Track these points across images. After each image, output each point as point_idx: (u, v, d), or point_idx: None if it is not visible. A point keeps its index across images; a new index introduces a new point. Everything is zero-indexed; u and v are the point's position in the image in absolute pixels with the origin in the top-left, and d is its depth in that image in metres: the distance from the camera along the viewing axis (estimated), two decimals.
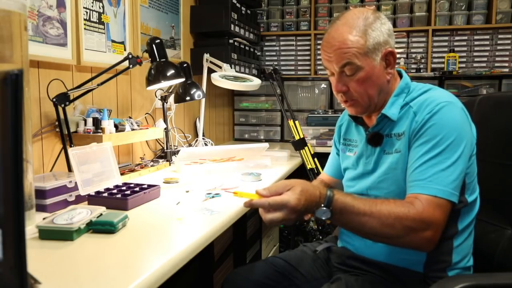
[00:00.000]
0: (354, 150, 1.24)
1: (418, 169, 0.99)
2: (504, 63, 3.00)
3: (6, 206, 0.45)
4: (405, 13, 3.12)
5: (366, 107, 1.13)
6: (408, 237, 0.93)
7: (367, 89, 1.09)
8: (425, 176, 0.97)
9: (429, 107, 1.03)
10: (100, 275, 0.79)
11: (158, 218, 1.16)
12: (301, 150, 2.16)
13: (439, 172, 0.96)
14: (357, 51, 1.05)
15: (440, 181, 0.96)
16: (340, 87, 1.10)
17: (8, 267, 0.46)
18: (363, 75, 1.07)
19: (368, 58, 1.07)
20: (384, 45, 1.08)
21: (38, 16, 1.43)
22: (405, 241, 0.95)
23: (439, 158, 0.98)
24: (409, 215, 0.92)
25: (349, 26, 1.07)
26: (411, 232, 0.93)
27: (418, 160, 1.00)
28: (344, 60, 1.07)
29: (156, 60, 1.66)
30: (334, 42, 1.08)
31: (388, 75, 1.11)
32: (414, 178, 0.99)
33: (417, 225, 0.92)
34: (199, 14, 2.62)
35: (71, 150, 1.25)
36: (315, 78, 3.24)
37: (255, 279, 1.24)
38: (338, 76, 1.10)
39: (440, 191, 0.95)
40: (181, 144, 2.35)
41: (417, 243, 0.95)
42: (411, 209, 0.93)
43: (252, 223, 2.06)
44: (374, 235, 0.97)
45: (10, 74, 0.43)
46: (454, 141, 0.99)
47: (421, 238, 0.93)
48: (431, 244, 0.95)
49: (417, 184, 0.98)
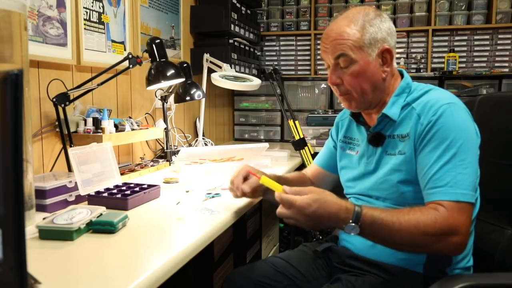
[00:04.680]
0: (356, 149, 1.24)
1: (435, 176, 0.99)
2: (504, 63, 3.01)
3: (6, 206, 0.45)
4: (405, 13, 3.12)
5: (360, 102, 1.13)
6: (438, 245, 0.94)
7: (361, 84, 1.09)
8: (444, 182, 0.97)
9: (433, 109, 1.03)
10: (100, 275, 0.79)
11: (158, 218, 1.16)
12: (301, 150, 2.16)
13: (457, 176, 0.97)
14: (353, 43, 1.07)
15: (460, 185, 0.96)
16: (334, 79, 1.12)
17: (8, 267, 0.46)
18: (357, 68, 1.08)
19: (363, 53, 1.08)
20: (382, 42, 1.09)
21: (38, 16, 1.43)
22: (435, 248, 0.96)
23: (454, 161, 0.98)
24: (436, 223, 0.93)
25: (348, 20, 1.09)
26: (440, 240, 0.94)
27: (433, 167, 0.99)
28: (338, 51, 1.08)
29: (156, 60, 1.66)
30: (331, 33, 1.10)
31: (384, 73, 1.11)
32: (434, 185, 0.99)
33: (445, 232, 0.93)
34: (199, 14, 2.62)
35: (71, 150, 1.25)
36: (315, 78, 3.24)
37: (255, 279, 1.24)
38: (333, 68, 1.12)
39: (462, 195, 0.95)
40: (181, 144, 2.35)
41: (447, 249, 0.96)
42: (438, 217, 0.94)
43: (252, 223, 2.06)
44: (405, 246, 0.98)
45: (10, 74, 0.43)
46: (464, 142, 0.99)
47: (450, 244, 0.94)
48: (460, 249, 0.96)
49: (438, 191, 0.97)
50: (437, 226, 0.93)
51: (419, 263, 1.07)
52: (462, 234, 0.94)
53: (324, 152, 1.44)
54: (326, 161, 1.42)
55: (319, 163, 1.45)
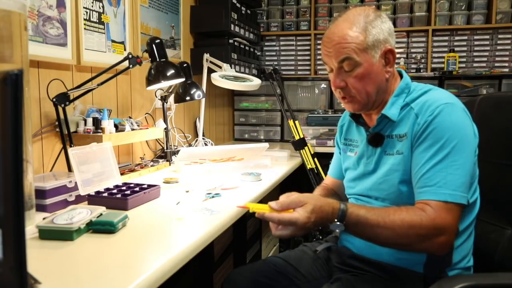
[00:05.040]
0: (355, 151, 1.24)
1: (426, 175, 0.99)
2: (504, 63, 3.01)
3: (6, 206, 0.45)
4: (405, 13, 3.12)
5: (364, 104, 1.13)
6: (423, 244, 0.95)
7: (365, 86, 1.09)
8: (434, 182, 0.97)
9: (430, 109, 1.03)
10: (100, 275, 0.79)
11: (158, 218, 1.16)
12: (301, 150, 2.16)
13: (447, 176, 0.97)
14: (356, 46, 1.06)
15: (449, 186, 0.96)
16: (338, 83, 1.11)
17: (8, 267, 0.46)
18: (362, 71, 1.08)
19: (367, 55, 1.07)
20: (384, 43, 1.09)
21: (38, 16, 1.43)
22: (420, 247, 0.97)
23: (445, 162, 0.98)
24: (422, 223, 0.94)
25: (350, 22, 1.08)
26: (425, 239, 0.95)
27: (424, 166, 1.00)
28: (343, 55, 1.07)
29: (156, 60, 1.66)
30: (334, 37, 1.09)
31: (387, 73, 1.11)
32: (423, 184, 0.99)
33: (430, 232, 0.94)
34: (199, 14, 2.62)
35: (71, 150, 1.25)
36: (315, 78, 3.24)
37: (255, 279, 1.24)
38: (337, 72, 1.11)
39: (450, 195, 0.95)
40: (181, 144, 2.35)
41: (433, 249, 0.97)
42: (423, 217, 0.94)
43: (252, 223, 2.06)
44: (390, 244, 1.00)
45: (10, 74, 0.43)
46: (458, 143, 0.99)
47: (436, 243, 0.95)
48: (446, 248, 0.97)
49: (427, 190, 0.98)
50: (423, 226, 0.94)
51: (419, 262, 1.07)
52: (449, 234, 0.95)
53: (334, 162, 1.44)
54: (337, 171, 1.41)
55: (332, 174, 1.44)
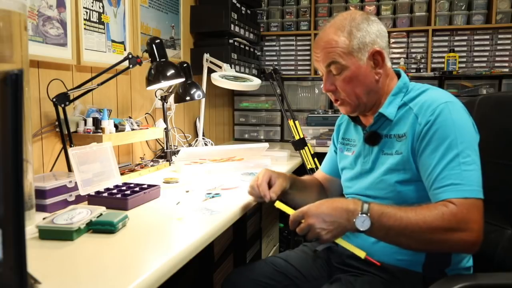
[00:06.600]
0: (352, 150, 1.25)
1: (440, 175, 0.98)
2: (504, 63, 3.00)
3: (6, 206, 0.45)
4: (405, 13, 3.12)
5: (355, 106, 1.15)
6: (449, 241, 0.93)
7: (354, 88, 1.11)
8: (450, 181, 0.97)
9: (430, 109, 1.03)
10: (100, 275, 0.79)
11: (158, 218, 1.16)
12: (301, 150, 2.16)
13: (462, 173, 0.96)
14: (342, 50, 1.09)
15: (466, 182, 0.96)
16: (328, 86, 1.15)
17: (8, 267, 0.46)
18: (349, 74, 1.10)
19: (353, 58, 1.09)
20: (371, 45, 1.10)
21: (38, 16, 1.43)
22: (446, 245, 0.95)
23: (457, 159, 0.98)
24: (444, 217, 0.93)
25: (335, 27, 1.12)
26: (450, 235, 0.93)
27: (437, 167, 0.99)
28: (329, 59, 1.11)
29: (156, 60, 1.66)
30: (321, 42, 1.13)
31: (377, 74, 1.12)
32: (439, 185, 0.98)
33: (453, 227, 0.92)
34: (199, 14, 2.62)
35: (71, 150, 1.25)
36: (315, 78, 3.23)
37: (255, 279, 1.24)
38: (326, 76, 1.15)
39: (469, 191, 0.95)
40: (181, 144, 2.35)
41: (459, 247, 0.96)
42: (445, 212, 0.93)
43: (252, 223, 2.06)
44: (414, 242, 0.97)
45: (10, 74, 0.43)
46: (465, 139, 0.99)
47: (461, 240, 0.93)
48: (474, 247, 0.95)
49: (444, 189, 0.97)
50: (445, 220, 0.92)
51: (418, 263, 1.07)
52: (474, 231, 0.93)
53: (327, 158, 1.47)
54: (330, 167, 1.44)
55: (324, 170, 1.47)
